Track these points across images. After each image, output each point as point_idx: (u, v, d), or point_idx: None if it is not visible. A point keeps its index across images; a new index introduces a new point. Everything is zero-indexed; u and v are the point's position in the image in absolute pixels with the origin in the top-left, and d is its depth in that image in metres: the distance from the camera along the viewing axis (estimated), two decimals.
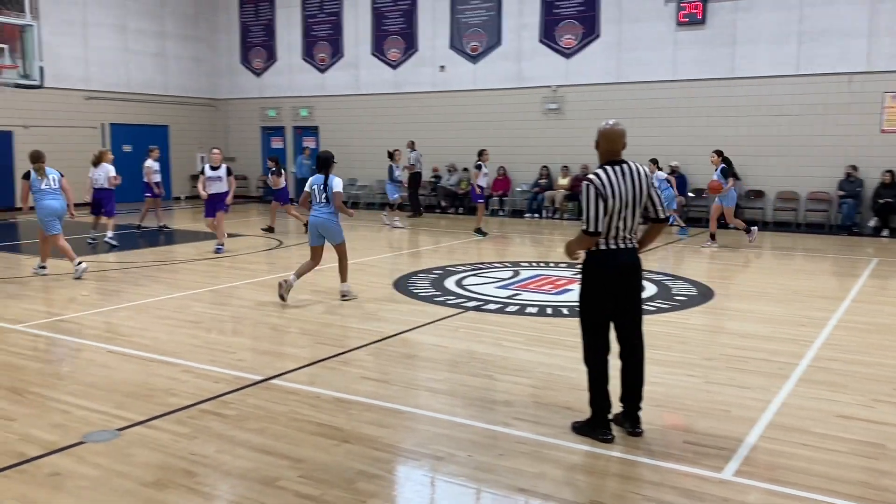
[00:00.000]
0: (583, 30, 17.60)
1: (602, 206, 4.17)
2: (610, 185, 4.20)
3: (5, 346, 6.33)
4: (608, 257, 4.28)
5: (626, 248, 4.32)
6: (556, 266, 10.60)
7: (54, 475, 3.83)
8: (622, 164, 4.30)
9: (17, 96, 18.00)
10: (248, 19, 22.91)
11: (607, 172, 4.24)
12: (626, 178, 4.25)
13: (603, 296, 4.33)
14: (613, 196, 4.19)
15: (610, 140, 4.34)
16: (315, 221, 8.01)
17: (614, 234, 4.26)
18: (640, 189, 4.28)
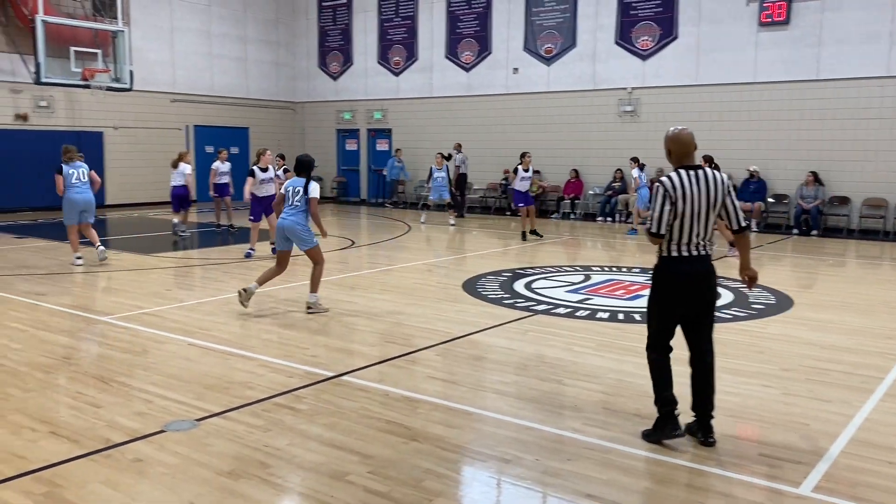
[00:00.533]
0: (660, 31, 17.27)
1: (669, 209, 4.14)
2: (682, 188, 4.15)
3: (94, 336, 6.66)
4: (678, 264, 4.22)
5: (699, 255, 4.23)
6: (628, 271, 10.44)
7: (137, 461, 4.01)
8: (697, 170, 4.23)
9: (109, 99, 18.92)
10: (325, 24, 23.41)
11: (680, 176, 4.20)
12: (701, 183, 4.18)
13: (671, 302, 4.28)
14: (684, 200, 4.13)
15: (682, 144, 4.30)
16: (283, 224, 7.62)
17: (686, 240, 4.19)
18: (715, 196, 4.19)
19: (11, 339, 6.55)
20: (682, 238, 4.19)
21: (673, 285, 4.25)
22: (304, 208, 7.59)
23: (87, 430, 4.43)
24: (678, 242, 4.20)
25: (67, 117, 18.95)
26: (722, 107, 16.58)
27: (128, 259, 11.39)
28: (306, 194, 7.51)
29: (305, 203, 7.55)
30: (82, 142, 18.78)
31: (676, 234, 4.18)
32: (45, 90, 17.99)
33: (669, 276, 4.25)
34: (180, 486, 3.72)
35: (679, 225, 4.16)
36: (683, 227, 4.17)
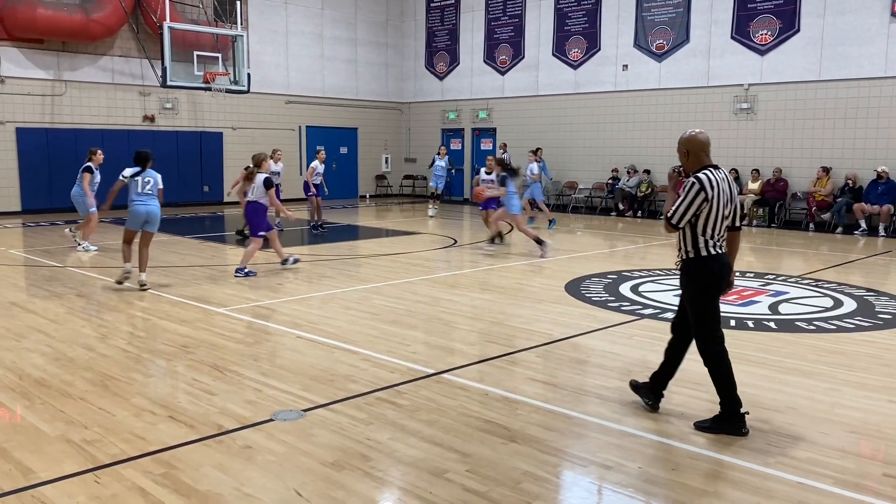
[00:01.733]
0: (780, 24, 16.43)
1: (698, 206, 4.29)
2: (717, 187, 4.30)
3: (211, 327, 7.00)
4: (716, 261, 4.40)
5: (724, 252, 4.47)
6: (741, 275, 10.00)
7: (247, 448, 4.19)
8: (718, 170, 4.43)
9: (228, 101, 19.86)
10: (433, 25, 23.68)
11: (712, 176, 4.34)
12: (724, 183, 4.37)
13: (716, 296, 4.48)
14: (718, 199, 4.30)
15: (703, 144, 4.45)
16: (143, 209, 8.69)
17: (717, 237, 4.39)
18: (733, 194, 4.42)
19: (136, 327, 6.99)
20: (715, 234, 4.37)
21: (717, 279, 4.42)
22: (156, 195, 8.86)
23: (201, 415, 4.66)
24: (713, 238, 4.37)
25: (190, 118, 20.04)
26: (847, 104, 15.61)
27: (242, 253, 11.90)
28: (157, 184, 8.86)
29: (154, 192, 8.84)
30: (203, 142, 19.85)
31: (710, 230, 4.34)
32: (170, 93, 19.10)
33: (712, 273, 4.40)
34: (286, 474, 3.85)
35: (714, 222, 4.33)
36: (717, 225, 4.34)
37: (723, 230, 4.40)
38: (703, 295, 4.45)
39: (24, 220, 16.50)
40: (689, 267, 4.46)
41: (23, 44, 17.12)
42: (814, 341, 6.67)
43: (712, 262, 4.38)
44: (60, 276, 9.71)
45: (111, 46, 18.46)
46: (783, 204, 16.36)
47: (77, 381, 5.32)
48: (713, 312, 4.48)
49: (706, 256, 4.37)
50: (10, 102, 17.08)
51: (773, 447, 4.25)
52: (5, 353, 6.03)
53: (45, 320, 7.19)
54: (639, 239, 14.15)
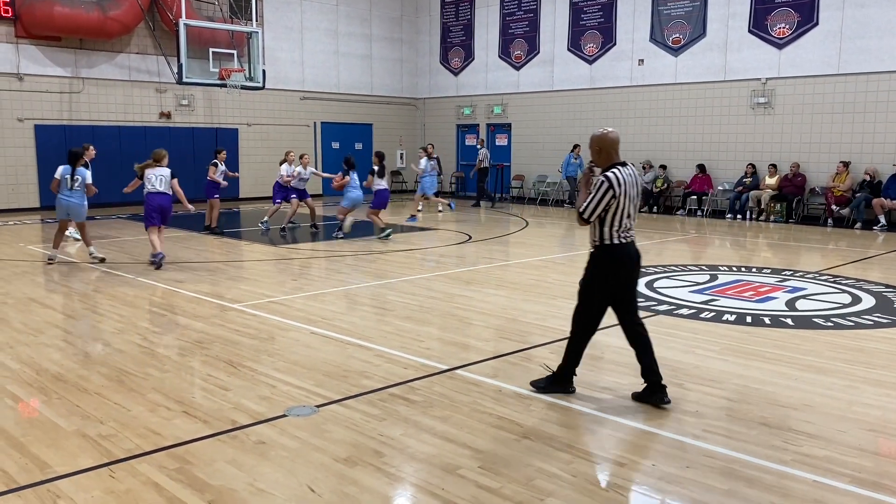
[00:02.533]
0: (798, 17, 16.24)
1: (607, 202, 4.62)
2: (624, 184, 4.64)
3: (225, 322, 7.04)
4: (621, 250, 4.74)
5: (632, 241, 4.81)
6: (758, 271, 9.91)
7: (260, 443, 4.20)
8: (627, 167, 4.75)
9: (243, 97, 19.94)
10: (448, 20, 23.63)
11: (619, 173, 4.67)
12: (630, 179, 4.71)
13: (612, 285, 4.80)
14: (624, 194, 4.64)
15: (613, 142, 4.76)
16: (65, 204, 10.13)
17: (624, 229, 4.72)
18: (638, 190, 4.79)
19: (152, 322, 7.04)
20: (621, 227, 4.71)
21: (617, 270, 4.76)
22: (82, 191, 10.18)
23: (215, 411, 4.68)
24: (618, 231, 4.71)
25: (206, 115, 20.13)
26: (867, 97, 15.42)
27: (258, 250, 11.97)
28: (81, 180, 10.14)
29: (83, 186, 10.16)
30: (219, 138, 19.94)
31: (617, 223, 4.69)
32: (186, 89, 19.20)
33: (614, 263, 4.75)
34: (299, 470, 3.86)
35: (620, 215, 4.67)
36: (623, 218, 4.69)
37: (628, 222, 4.74)
38: (604, 280, 4.80)
39: (42, 216, 16.67)
40: (595, 254, 4.84)
41: (41, 41, 17.27)
42: (831, 338, 6.60)
43: (616, 250, 4.74)
44: (78, 271, 9.79)
45: (128, 44, 18.57)
46: (801, 199, 16.20)
47: (93, 377, 5.36)
48: (598, 297, 4.85)
49: (610, 245, 4.74)
50: (28, 100, 17.24)
51: (789, 445, 4.21)
52: (23, 349, 6.09)
53: (63, 316, 7.25)
54: (654, 235, 14.07)
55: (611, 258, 4.76)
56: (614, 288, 4.81)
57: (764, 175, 16.68)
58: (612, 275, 4.78)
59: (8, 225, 14.95)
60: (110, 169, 18.32)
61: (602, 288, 4.81)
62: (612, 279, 4.79)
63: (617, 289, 4.82)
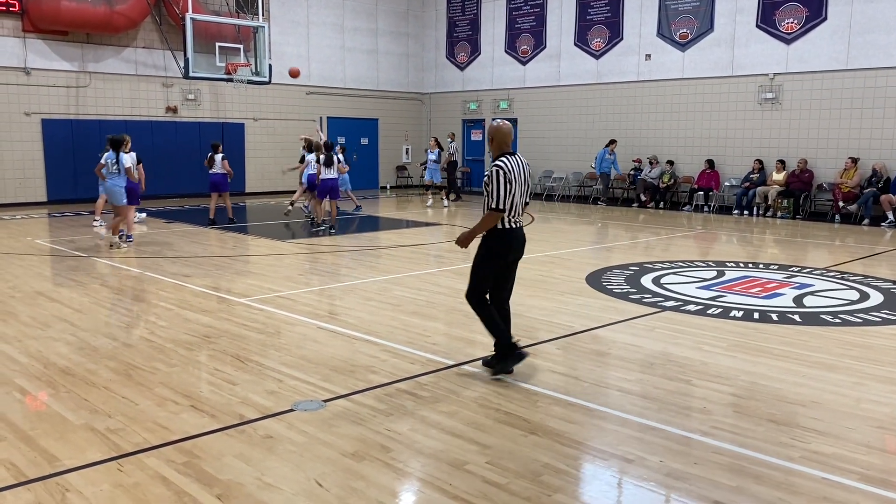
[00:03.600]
0: (807, 12, 16.15)
1: (508, 188, 4.98)
2: (514, 171, 5.04)
3: (233, 317, 7.05)
4: (511, 234, 5.14)
5: (520, 226, 5.22)
6: (766, 267, 9.88)
7: (268, 438, 4.21)
8: (514, 156, 5.14)
9: (249, 92, 19.95)
10: (454, 14, 23.57)
11: (509, 161, 5.06)
12: (519, 166, 5.12)
13: (500, 264, 5.21)
14: (515, 181, 5.03)
15: (506, 134, 5.21)
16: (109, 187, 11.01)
17: (515, 214, 5.12)
18: (527, 177, 5.21)
19: (159, 317, 7.05)
20: (513, 212, 5.08)
21: (506, 251, 5.16)
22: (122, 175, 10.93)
23: (223, 405, 4.70)
24: (509, 216, 5.08)
25: (212, 109, 20.15)
26: (875, 93, 15.33)
27: (265, 244, 11.98)
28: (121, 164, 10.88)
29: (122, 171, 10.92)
30: (225, 132, 19.96)
31: (510, 208, 5.06)
32: (192, 84, 19.21)
33: (504, 245, 5.14)
34: (307, 465, 3.86)
35: (511, 201, 5.03)
36: (515, 203, 5.08)
37: (518, 208, 5.13)
38: (490, 260, 5.20)
39: (49, 210, 16.72)
40: (487, 237, 5.18)
41: (48, 36, 17.29)
42: (839, 335, 6.58)
43: (507, 234, 5.12)
44: (85, 265, 9.82)
45: (134, 38, 18.59)
46: (808, 195, 16.13)
47: (101, 370, 5.38)
48: (489, 275, 5.24)
49: (502, 230, 5.11)
50: (35, 94, 17.28)
51: (797, 442, 4.20)
52: (31, 342, 6.12)
53: (70, 310, 7.28)
54: (661, 230, 14.04)
55: (501, 241, 5.14)
56: (502, 268, 5.23)
57: (771, 171, 16.61)
58: (502, 256, 5.18)
59: (16, 219, 15.00)
60: None
61: (493, 263, 5.21)
62: (501, 260, 5.19)
63: (504, 266, 5.24)
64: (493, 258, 5.20)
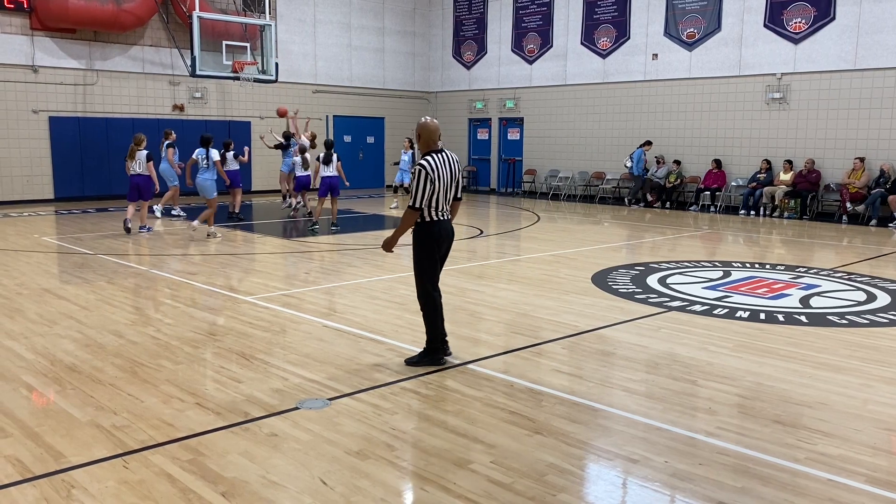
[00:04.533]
0: (815, 12, 16.09)
1: (430, 188, 5.24)
2: (438, 169, 5.28)
3: (239, 315, 7.06)
4: (436, 226, 5.39)
5: (446, 219, 5.47)
6: (772, 268, 9.85)
7: (272, 436, 4.21)
8: (441, 153, 5.38)
9: (256, 90, 19.98)
10: (461, 13, 23.56)
11: (434, 160, 5.30)
12: (446, 163, 5.36)
13: (434, 255, 5.46)
14: (439, 179, 5.28)
15: (433, 132, 5.41)
16: (199, 182, 12.13)
17: (440, 208, 5.37)
18: (455, 173, 5.44)
19: (165, 314, 7.07)
20: (438, 206, 5.36)
21: (434, 242, 5.41)
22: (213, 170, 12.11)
23: (228, 403, 4.70)
24: (435, 210, 5.35)
25: (219, 108, 20.18)
26: (884, 93, 15.26)
27: (270, 242, 12.00)
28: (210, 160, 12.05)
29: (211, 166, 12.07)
30: (232, 131, 19.99)
31: (434, 203, 5.32)
32: (199, 82, 19.25)
33: (431, 237, 5.39)
34: (311, 463, 3.87)
35: (436, 196, 5.31)
36: (439, 198, 5.33)
37: (447, 201, 5.42)
38: (422, 252, 5.44)
39: (56, 207, 16.78)
40: (416, 230, 5.43)
41: (55, 33, 17.35)
42: (846, 336, 6.55)
43: (434, 226, 5.38)
44: (92, 263, 9.85)
45: (142, 36, 18.63)
46: (816, 195, 16.07)
47: (107, 368, 5.39)
48: (430, 267, 5.49)
49: (429, 222, 5.37)
50: (43, 92, 17.34)
51: (803, 443, 4.18)
52: (37, 339, 6.14)
53: (77, 307, 7.30)
54: (667, 230, 14.01)
55: (429, 234, 5.39)
56: (436, 259, 5.50)
57: (778, 171, 16.56)
58: (436, 247, 5.45)
59: (23, 216, 15.06)
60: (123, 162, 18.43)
61: (429, 257, 5.47)
62: (435, 252, 5.47)
63: (436, 260, 5.51)
64: (427, 251, 5.46)
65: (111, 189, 18.34)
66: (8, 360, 5.57)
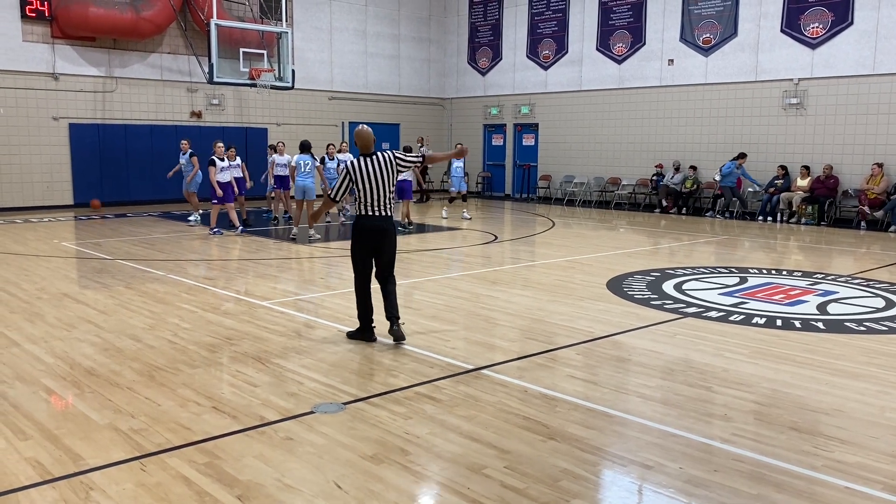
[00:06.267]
0: (832, 17, 15.99)
1: (348, 183, 6.13)
2: (360, 170, 6.09)
3: (255, 320, 7.11)
4: (363, 220, 6.17)
5: (377, 215, 6.16)
6: (789, 274, 9.78)
7: (288, 439, 4.24)
8: (373, 155, 6.16)
9: (272, 97, 20.12)
10: (476, 20, 23.62)
11: (360, 161, 6.13)
12: (376, 164, 6.11)
13: (361, 249, 6.21)
14: (362, 178, 6.07)
15: (364, 139, 6.20)
16: (301, 185, 13.15)
17: (369, 203, 6.12)
18: (387, 173, 6.14)
19: (182, 319, 7.13)
20: (366, 202, 6.12)
21: (360, 234, 6.18)
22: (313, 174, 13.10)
23: (244, 406, 4.74)
24: (364, 205, 6.13)
25: (236, 114, 20.35)
26: None
27: (286, 248, 12.07)
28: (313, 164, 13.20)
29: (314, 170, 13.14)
30: (249, 137, 20.14)
31: (362, 199, 6.12)
32: (216, 89, 19.42)
33: (358, 229, 6.19)
34: (326, 466, 3.89)
35: (363, 194, 6.10)
36: (366, 195, 6.10)
37: (378, 198, 6.10)
38: (354, 242, 6.24)
39: (76, 213, 16.97)
40: (352, 224, 6.31)
41: (76, 42, 17.58)
42: (864, 342, 6.49)
43: (362, 220, 6.17)
44: (110, 268, 9.96)
45: (160, 44, 18.84)
46: (833, 201, 15.94)
47: (125, 371, 5.45)
48: (356, 255, 6.24)
49: (358, 216, 6.20)
50: (63, 99, 17.56)
51: (820, 450, 4.15)
52: (57, 343, 6.22)
53: (95, 311, 7.38)
54: (683, 236, 13.94)
55: (357, 227, 6.20)
56: (364, 249, 6.20)
57: (796, 177, 16.44)
58: (358, 239, 6.20)
59: (43, 222, 15.25)
60: (142, 168, 18.64)
61: (354, 248, 6.25)
62: (358, 242, 6.20)
63: (365, 250, 6.19)
64: (353, 246, 6.27)
65: (130, 195, 18.53)
66: (28, 364, 5.64)
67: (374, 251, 6.20)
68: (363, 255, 6.21)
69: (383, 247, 6.21)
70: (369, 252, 6.20)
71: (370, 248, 6.18)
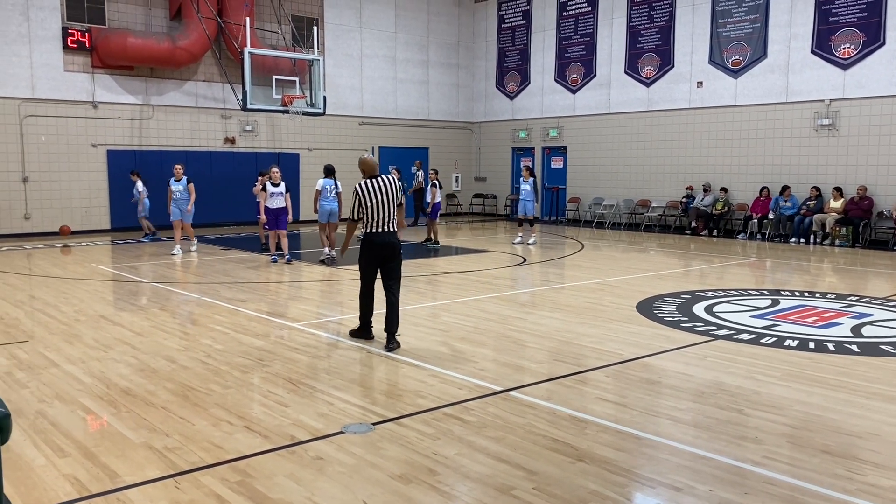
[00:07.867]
0: (864, 37, 15.86)
1: (359, 204, 6.80)
2: (368, 192, 6.78)
3: (286, 341, 7.21)
4: (372, 236, 6.82)
5: (384, 231, 6.83)
6: (822, 297, 9.64)
7: (318, 459, 4.29)
8: (377, 178, 6.88)
9: (304, 123, 20.46)
10: (504, 45, 23.83)
11: (367, 183, 6.82)
12: (381, 186, 6.82)
13: (369, 261, 6.91)
14: (369, 198, 6.76)
15: (368, 165, 6.97)
16: (328, 208, 12.84)
17: (375, 222, 6.79)
18: (391, 194, 6.86)
19: (215, 340, 7.26)
20: (373, 221, 6.79)
21: (369, 250, 6.86)
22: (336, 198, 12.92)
23: (275, 426, 4.81)
24: (370, 224, 6.80)
25: (269, 140, 20.71)
26: None
27: (317, 271, 12.21)
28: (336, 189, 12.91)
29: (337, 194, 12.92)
30: (281, 162, 20.46)
31: (369, 219, 6.78)
32: (250, 115, 19.81)
33: (367, 244, 6.86)
34: (355, 486, 3.93)
35: (370, 214, 6.77)
36: (373, 215, 6.78)
37: (384, 218, 6.80)
38: (361, 260, 6.96)
39: (112, 237, 17.35)
40: (361, 240, 6.98)
41: (115, 71, 18.10)
42: None
43: (367, 238, 6.86)
44: (146, 291, 10.16)
45: (195, 72, 19.30)
46: (868, 223, 15.70)
47: (160, 391, 5.56)
48: (364, 269, 6.98)
49: (366, 234, 6.85)
50: (102, 126, 18.05)
51: (854, 474, 4.09)
52: (94, 364, 6.36)
53: (131, 333, 7.54)
54: (714, 258, 13.82)
55: (367, 242, 6.85)
56: (373, 262, 6.87)
57: (828, 198, 16.24)
58: (366, 255, 6.88)
59: (81, 246, 15.61)
60: None
61: (362, 261, 6.95)
62: (368, 256, 6.87)
63: (372, 265, 6.90)
64: (361, 258, 6.95)
65: (165, 219, 18.89)
66: (67, 384, 5.78)
67: (381, 263, 6.88)
68: (370, 267, 6.94)
69: (391, 259, 6.88)
70: (377, 264, 6.90)
71: (379, 260, 6.86)
